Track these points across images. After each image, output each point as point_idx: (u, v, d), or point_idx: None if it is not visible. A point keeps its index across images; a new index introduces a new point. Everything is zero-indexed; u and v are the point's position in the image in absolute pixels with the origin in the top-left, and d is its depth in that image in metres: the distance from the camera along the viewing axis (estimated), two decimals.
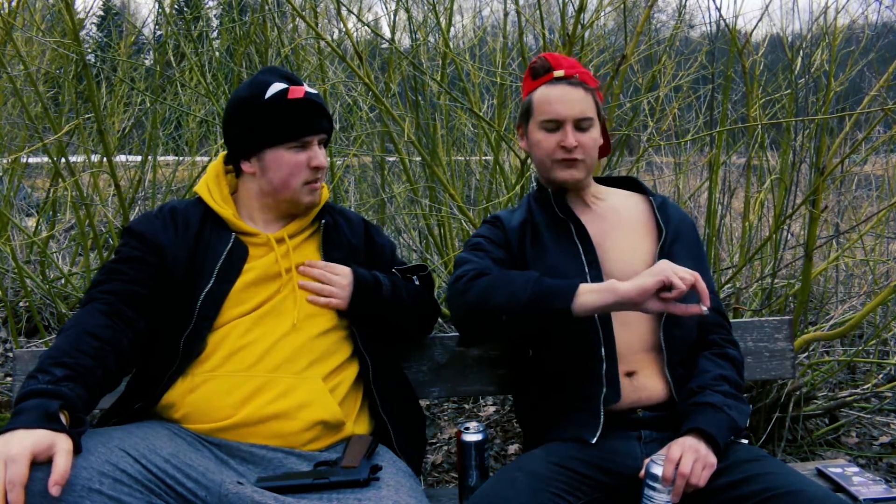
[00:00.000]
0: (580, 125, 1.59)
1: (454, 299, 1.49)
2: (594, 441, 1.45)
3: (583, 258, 1.56)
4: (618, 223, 1.65)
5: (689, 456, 1.32)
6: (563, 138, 1.58)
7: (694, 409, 1.43)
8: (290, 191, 1.56)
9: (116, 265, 1.48)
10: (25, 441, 1.10)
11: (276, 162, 1.54)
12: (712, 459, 1.34)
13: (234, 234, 1.54)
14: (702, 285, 1.33)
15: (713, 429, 1.37)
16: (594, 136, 1.61)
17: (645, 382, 1.51)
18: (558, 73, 1.61)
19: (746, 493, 1.28)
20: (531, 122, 1.64)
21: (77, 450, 1.16)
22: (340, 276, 1.57)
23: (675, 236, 1.62)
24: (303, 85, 1.55)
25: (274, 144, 1.53)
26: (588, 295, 1.36)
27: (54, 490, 1.07)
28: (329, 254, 1.62)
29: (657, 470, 1.32)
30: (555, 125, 1.59)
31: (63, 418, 1.17)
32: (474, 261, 1.56)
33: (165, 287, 1.46)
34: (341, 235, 1.66)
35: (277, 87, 1.52)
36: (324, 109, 1.57)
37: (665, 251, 1.58)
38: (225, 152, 1.64)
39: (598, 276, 1.53)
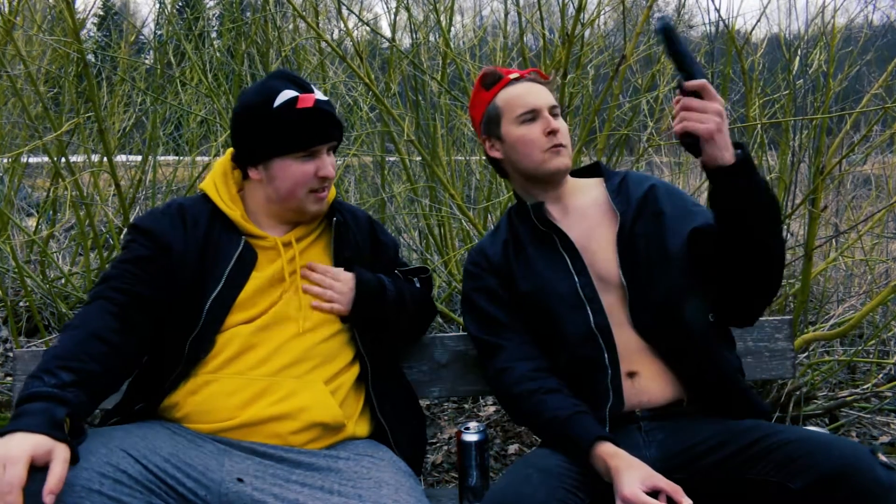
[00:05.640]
0: (553, 112, 1.60)
1: (504, 399, 1.57)
2: None
3: (570, 267, 1.54)
4: (592, 217, 1.61)
5: None
6: (546, 125, 1.57)
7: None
8: (296, 200, 1.52)
9: (126, 265, 1.45)
10: (25, 444, 1.10)
11: (283, 171, 1.49)
12: None
13: (243, 237, 1.51)
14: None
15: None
16: (565, 125, 1.62)
17: (647, 385, 1.49)
18: (513, 75, 1.64)
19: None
20: (503, 124, 1.61)
21: (74, 460, 1.15)
22: (342, 283, 1.55)
23: (639, 213, 1.56)
24: (313, 91, 1.50)
25: (282, 154, 1.49)
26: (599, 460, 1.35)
27: (48, 499, 1.07)
28: (339, 253, 1.60)
29: None
30: (532, 115, 1.58)
31: (64, 426, 1.17)
32: (500, 345, 1.56)
33: (173, 288, 1.45)
34: (349, 234, 1.64)
35: (287, 94, 1.47)
36: (334, 117, 1.52)
37: (626, 234, 1.54)
38: (231, 149, 1.60)
39: (588, 283, 1.52)
